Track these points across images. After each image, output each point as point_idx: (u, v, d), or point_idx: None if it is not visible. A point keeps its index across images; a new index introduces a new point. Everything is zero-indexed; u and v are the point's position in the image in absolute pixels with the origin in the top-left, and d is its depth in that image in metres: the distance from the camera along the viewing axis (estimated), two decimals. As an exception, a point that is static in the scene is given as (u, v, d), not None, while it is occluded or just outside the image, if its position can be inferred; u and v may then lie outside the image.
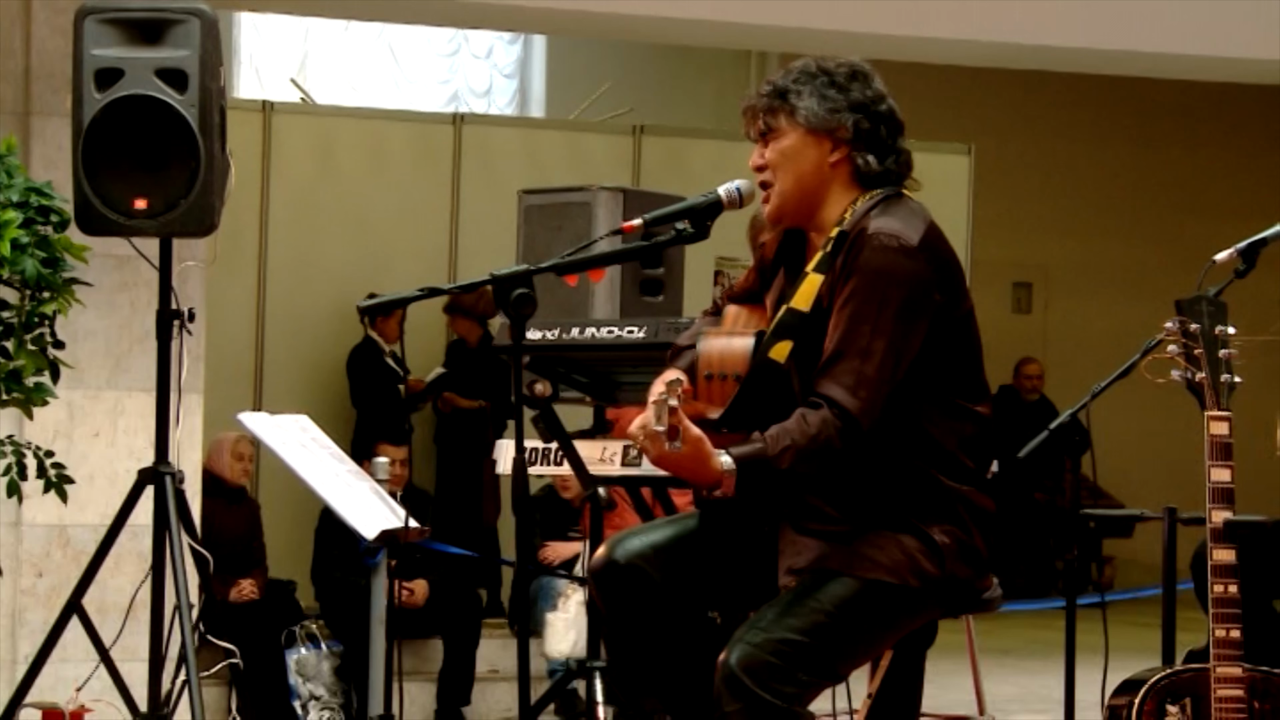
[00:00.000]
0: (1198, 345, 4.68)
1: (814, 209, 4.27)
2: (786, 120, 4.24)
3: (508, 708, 9.34)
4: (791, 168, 4.24)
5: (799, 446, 4.02)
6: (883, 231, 4.12)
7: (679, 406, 3.88)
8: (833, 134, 4.23)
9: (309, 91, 13.31)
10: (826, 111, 4.22)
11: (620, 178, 10.83)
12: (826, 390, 4.06)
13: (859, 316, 4.08)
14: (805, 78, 4.25)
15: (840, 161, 4.24)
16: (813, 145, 4.24)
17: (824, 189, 4.25)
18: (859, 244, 4.13)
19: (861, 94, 4.25)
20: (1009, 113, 15.33)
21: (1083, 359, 12.99)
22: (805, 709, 4.09)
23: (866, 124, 4.24)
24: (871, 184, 4.24)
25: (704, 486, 4.02)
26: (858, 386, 4.04)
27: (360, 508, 6.42)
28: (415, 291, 4.39)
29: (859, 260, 4.11)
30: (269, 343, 11.09)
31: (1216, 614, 4.54)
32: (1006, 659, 10.87)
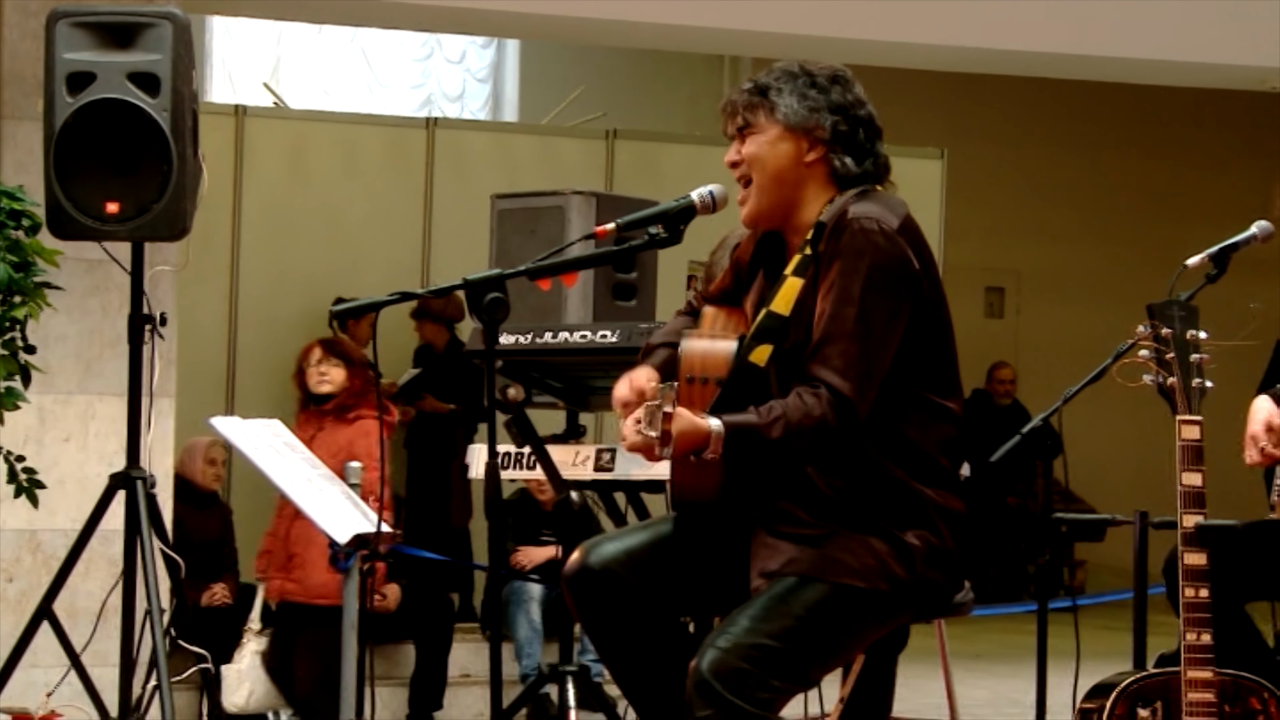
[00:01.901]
0: (1169, 350, 4.69)
1: (791, 209, 4.27)
2: (765, 117, 4.26)
3: (480, 713, 9.33)
4: (769, 162, 4.25)
5: (791, 420, 4.03)
6: (863, 216, 4.14)
7: (673, 412, 3.89)
8: (810, 133, 4.24)
9: (281, 95, 13.30)
10: (806, 110, 4.24)
11: (593, 182, 10.83)
12: (819, 374, 4.07)
13: (844, 300, 4.09)
14: (787, 77, 4.27)
15: (817, 161, 4.25)
16: (790, 142, 4.25)
17: (800, 188, 4.26)
18: (839, 230, 4.14)
19: (842, 97, 4.26)
20: (982, 117, 15.36)
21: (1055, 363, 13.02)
22: (777, 714, 4.09)
23: (845, 126, 4.25)
24: (847, 186, 4.25)
25: (692, 451, 4.02)
26: (847, 368, 4.06)
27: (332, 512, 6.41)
28: (388, 296, 4.38)
29: (840, 244, 4.13)
30: (241, 347, 11.07)
31: (1187, 618, 4.55)
32: (978, 663, 10.89)
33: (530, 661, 9.17)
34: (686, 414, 3.99)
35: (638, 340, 5.75)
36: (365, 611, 6.66)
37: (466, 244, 10.18)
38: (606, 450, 6.04)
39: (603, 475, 6.03)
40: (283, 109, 12.72)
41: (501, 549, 9.39)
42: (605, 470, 6.01)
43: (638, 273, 6.69)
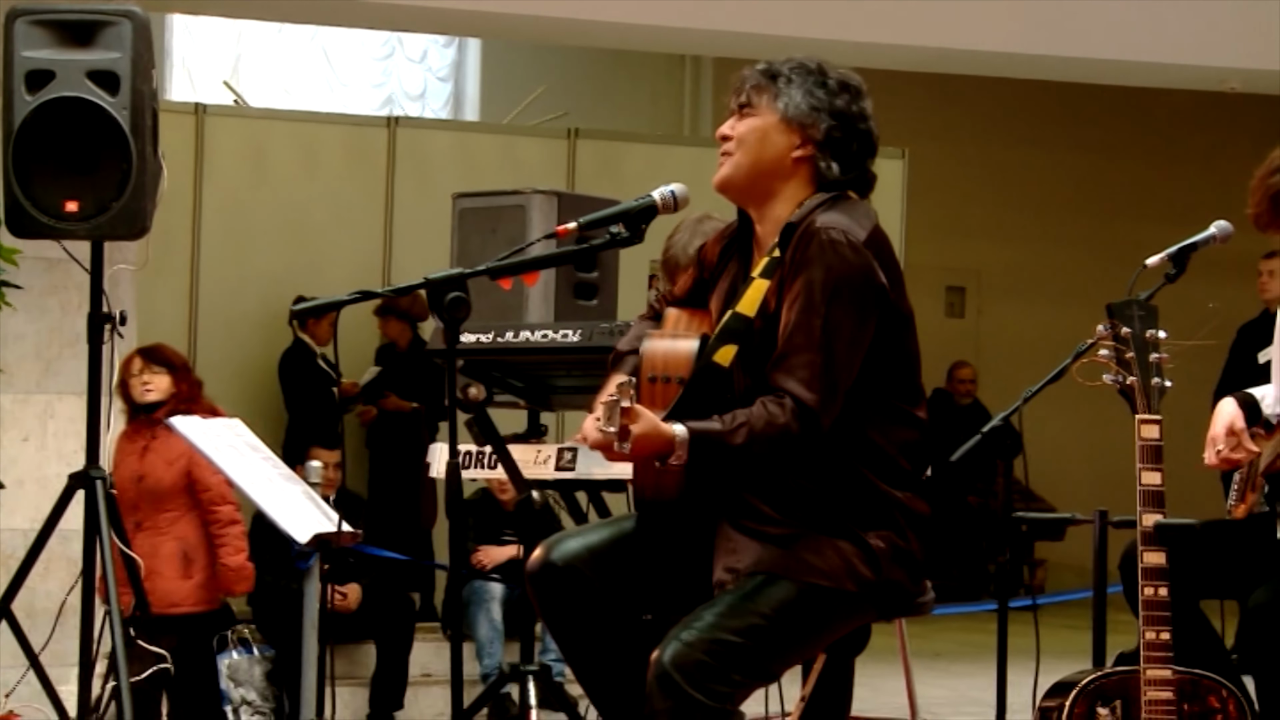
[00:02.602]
0: (1129, 349, 4.70)
1: (764, 196, 4.27)
2: (768, 101, 4.26)
3: (440, 712, 9.32)
4: (755, 147, 4.26)
5: (755, 427, 4.03)
6: (831, 226, 4.14)
7: (631, 407, 3.89)
8: (805, 130, 4.25)
9: (242, 94, 13.27)
10: (807, 108, 4.25)
11: (555, 181, 10.82)
12: (783, 384, 4.08)
13: (810, 310, 4.10)
14: (801, 71, 4.28)
15: (804, 159, 4.25)
16: (783, 133, 4.26)
17: (779, 180, 4.26)
18: (806, 238, 4.14)
19: (846, 105, 4.27)
20: (943, 118, 15.39)
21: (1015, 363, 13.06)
22: (736, 709, 4.10)
23: (839, 133, 4.26)
24: (827, 189, 4.25)
25: (657, 458, 4.02)
26: (812, 380, 4.06)
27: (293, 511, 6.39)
28: (349, 295, 4.38)
29: (807, 254, 4.13)
30: (201, 346, 11.04)
31: (1146, 616, 4.56)
32: (938, 662, 10.91)
33: (491, 661, 9.17)
34: (651, 418, 3.99)
35: (599, 339, 5.75)
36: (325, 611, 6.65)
37: (428, 243, 10.18)
38: (568, 449, 6.04)
39: (564, 475, 6.03)
40: (243, 108, 12.69)
41: (462, 548, 9.38)
42: (567, 470, 6.00)
43: (599, 272, 6.69)
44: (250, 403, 10.67)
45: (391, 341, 11.23)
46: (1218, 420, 4.97)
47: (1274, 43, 11.25)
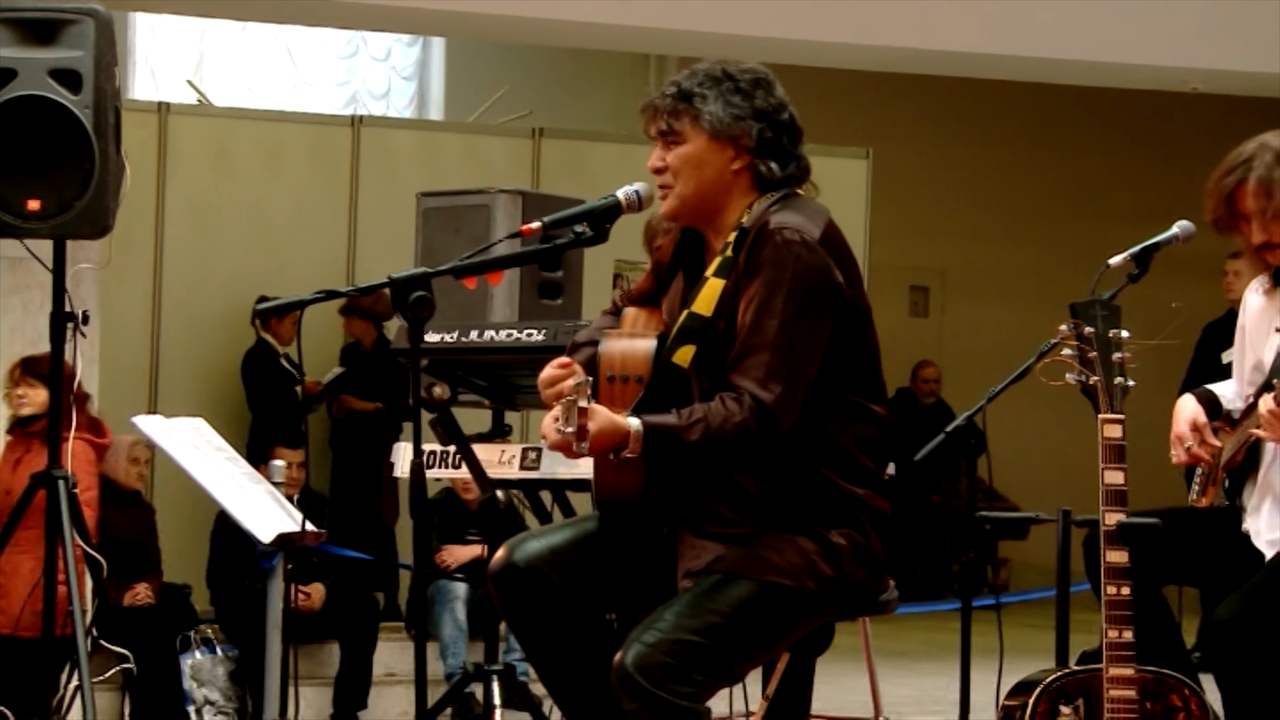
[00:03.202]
0: (1092, 349, 4.71)
1: (714, 213, 4.28)
2: (690, 125, 4.24)
3: (404, 711, 9.31)
4: (693, 174, 4.25)
5: (711, 424, 4.04)
6: (785, 226, 4.14)
7: (588, 407, 3.90)
8: (736, 141, 4.24)
9: (205, 93, 13.23)
10: (731, 119, 4.23)
11: (519, 180, 10.81)
12: (740, 384, 4.08)
13: (766, 311, 4.10)
14: (710, 82, 4.25)
15: (742, 169, 4.26)
16: (716, 152, 4.25)
17: (724, 195, 4.27)
18: (761, 240, 4.14)
19: (765, 102, 4.26)
20: (906, 117, 15.42)
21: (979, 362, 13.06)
22: (701, 708, 4.10)
23: (769, 133, 4.25)
24: (771, 189, 4.26)
25: (611, 450, 4.02)
26: (769, 380, 4.07)
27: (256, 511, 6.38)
28: (313, 294, 4.37)
29: (762, 255, 4.13)
30: (164, 346, 11.01)
31: (1109, 615, 4.57)
32: (902, 661, 10.92)
33: (455, 661, 9.16)
34: (605, 412, 3.99)
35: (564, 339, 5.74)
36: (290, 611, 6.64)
37: (392, 242, 10.17)
38: (532, 449, 6.04)
39: (528, 474, 6.03)
40: (206, 106, 12.66)
41: (426, 548, 9.37)
42: (531, 469, 6.00)
43: (564, 271, 6.70)
44: (213, 402, 10.65)
45: (356, 341, 11.21)
46: (1179, 417, 4.99)
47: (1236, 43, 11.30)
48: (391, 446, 6.40)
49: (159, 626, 8.87)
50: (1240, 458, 4.98)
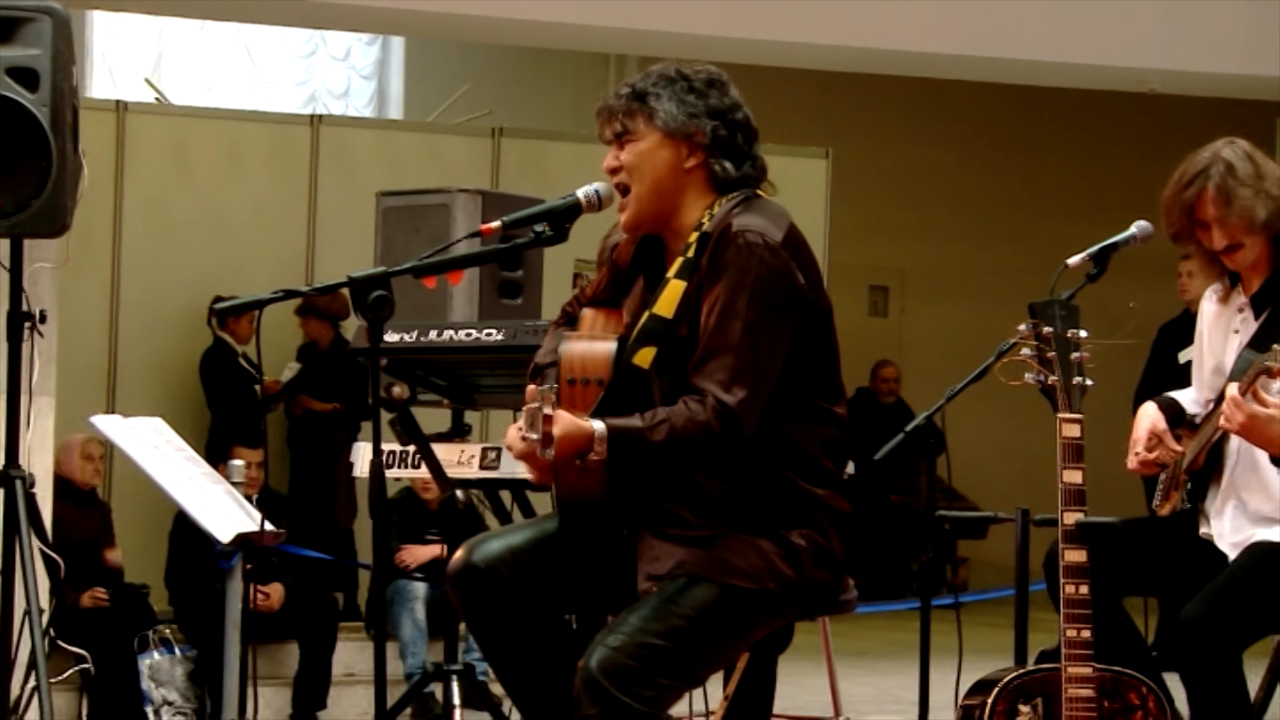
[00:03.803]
0: (1050, 348, 4.73)
1: (670, 214, 4.28)
2: (644, 123, 4.25)
3: (364, 711, 9.29)
4: (648, 171, 4.26)
5: (675, 425, 4.05)
6: (747, 229, 4.15)
7: (553, 413, 3.90)
8: (690, 139, 4.25)
9: (164, 91, 13.19)
10: (685, 116, 4.24)
11: (479, 180, 10.81)
12: (704, 386, 4.09)
13: (729, 313, 4.11)
14: (664, 82, 4.26)
15: (696, 167, 4.26)
16: (669, 149, 4.26)
17: (680, 193, 4.27)
18: (724, 242, 4.15)
19: (719, 101, 4.27)
20: (866, 117, 15.45)
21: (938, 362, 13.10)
22: (664, 712, 4.10)
23: (724, 131, 4.26)
24: (727, 189, 4.26)
25: (577, 455, 4.02)
26: (732, 382, 4.08)
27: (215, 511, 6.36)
28: (271, 293, 4.36)
29: (725, 258, 4.14)
30: (122, 345, 10.98)
31: (1067, 614, 4.59)
32: (862, 660, 10.94)
33: (415, 660, 9.15)
34: (568, 416, 4.00)
35: (524, 339, 5.74)
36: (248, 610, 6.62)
37: (351, 241, 10.14)
38: (491, 449, 6.04)
39: (488, 473, 6.03)
40: (165, 105, 12.62)
41: (386, 548, 9.35)
42: (490, 468, 6.00)
43: (523, 271, 6.69)
44: (172, 401, 10.62)
45: (313, 341, 11.19)
46: (1139, 424, 5.02)
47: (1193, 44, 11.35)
48: (349, 446, 6.38)
49: (117, 627, 8.84)
50: (1202, 460, 5.00)
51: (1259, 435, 4.69)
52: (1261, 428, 4.65)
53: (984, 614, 8.59)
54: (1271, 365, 4.57)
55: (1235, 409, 4.64)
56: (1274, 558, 4.82)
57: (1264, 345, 4.78)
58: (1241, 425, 4.66)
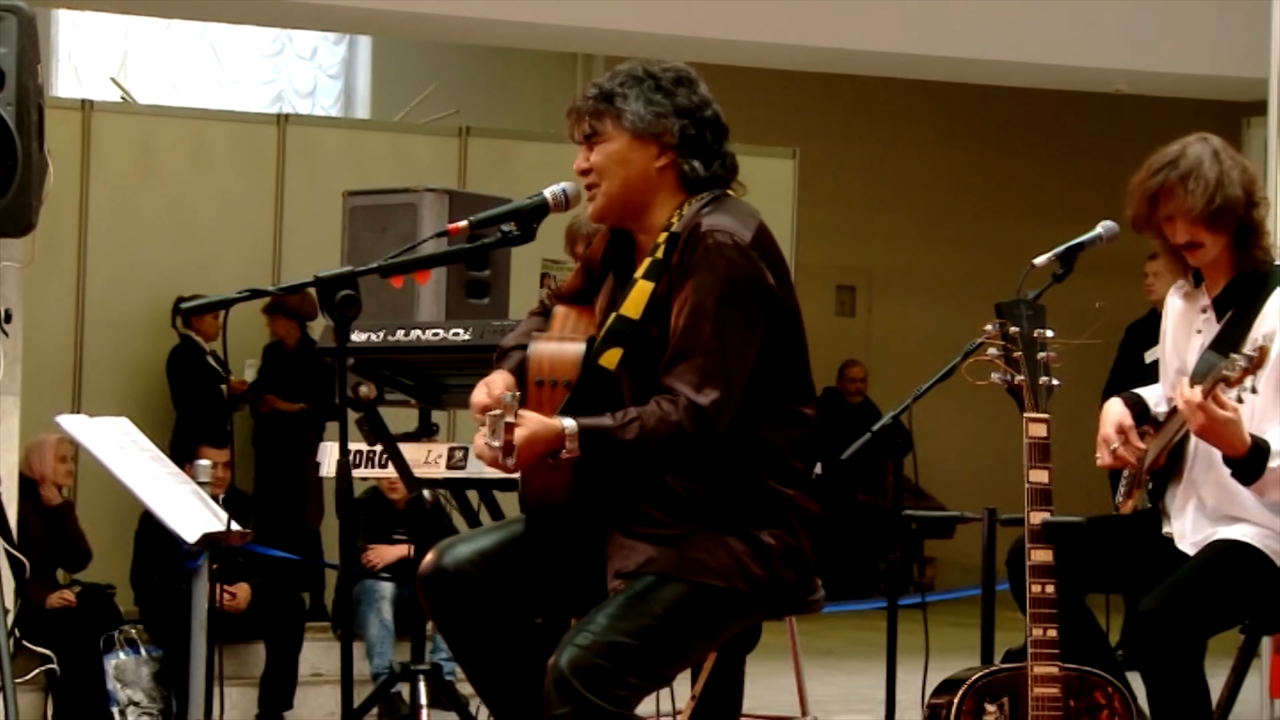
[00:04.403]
0: (1017, 348, 4.74)
1: (640, 212, 4.28)
2: (613, 124, 4.25)
3: (330, 712, 9.28)
4: (618, 172, 4.25)
5: (647, 424, 4.04)
6: (717, 229, 4.15)
7: (515, 422, 3.90)
8: (659, 139, 4.24)
9: (129, 90, 13.16)
10: (653, 116, 4.23)
11: (446, 179, 10.80)
12: (675, 386, 4.08)
13: (699, 314, 4.10)
14: (631, 81, 4.25)
15: (666, 167, 4.26)
16: (639, 150, 4.25)
17: (650, 193, 4.27)
18: (693, 243, 4.15)
19: (687, 99, 4.26)
20: (834, 117, 15.47)
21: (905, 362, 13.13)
22: (633, 711, 4.10)
23: (692, 130, 4.25)
24: (697, 188, 4.26)
25: (548, 454, 4.02)
26: (704, 383, 4.07)
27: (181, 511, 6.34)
28: (238, 293, 4.35)
29: (694, 259, 4.14)
30: (88, 344, 10.95)
31: (1034, 614, 4.60)
32: (829, 659, 10.95)
33: (382, 660, 9.14)
34: (536, 417, 4.00)
35: (491, 338, 5.73)
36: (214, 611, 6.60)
37: (318, 241, 10.13)
38: (459, 448, 6.03)
39: (455, 473, 6.02)
40: (130, 104, 12.59)
41: (353, 547, 9.33)
42: (458, 468, 5.99)
43: (491, 270, 6.68)
44: (138, 401, 10.60)
45: (279, 340, 11.17)
46: (1106, 420, 5.02)
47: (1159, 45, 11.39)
48: (315, 446, 6.37)
49: (82, 627, 8.82)
50: (1164, 460, 5.02)
51: (1216, 437, 4.71)
52: (1219, 430, 4.67)
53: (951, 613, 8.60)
54: (1229, 375, 4.59)
55: (1194, 412, 4.66)
56: (1233, 554, 4.84)
57: (1225, 347, 4.80)
58: (1201, 427, 4.68)
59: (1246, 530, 4.86)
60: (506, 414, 3.90)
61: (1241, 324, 4.88)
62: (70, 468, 9.29)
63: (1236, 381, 4.60)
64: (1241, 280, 4.95)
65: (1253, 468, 4.74)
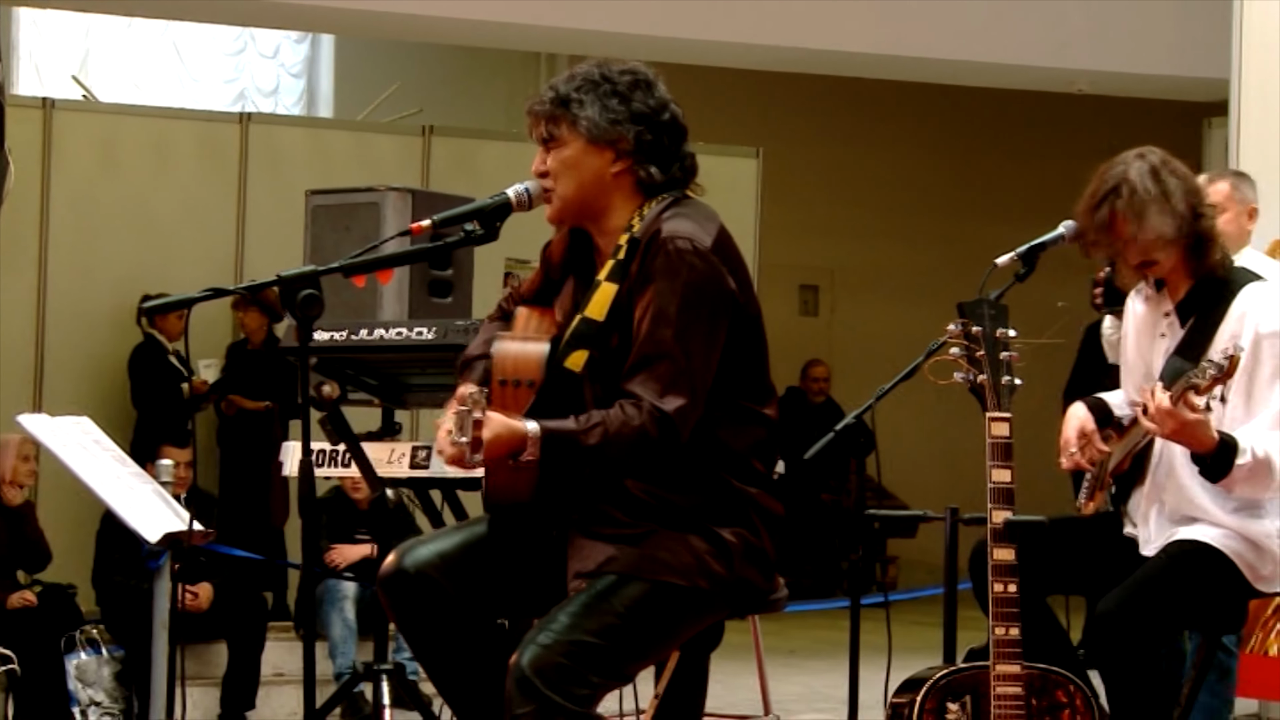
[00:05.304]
0: (979, 348, 4.75)
1: (597, 215, 4.28)
2: (568, 129, 4.24)
3: (293, 712, 9.26)
4: (573, 176, 4.25)
5: (610, 428, 4.04)
6: (677, 235, 4.14)
7: (482, 419, 3.89)
8: (614, 145, 4.23)
9: (91, 89, 13.12)
10: (608, 123, 4.22)
11: (409, 178, 10.79)
12: (638, 391, 4.08)
13: (661, 320, 4.10)
14: (588, 86, 4.24)
15: (622, 172, 4.25)
16: (594, 155, 4.24)
17: (606, 197, 4.26)
18: (653, 249, 4.14)
19: (644, 104, 4.25)
20: (797, 117, 15.48)
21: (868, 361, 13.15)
22: (594, 710, 4.10)
23: (649, 135, 4.24)
24: (655, 192, 4.26)
25: (510, 454, 4.02)
26: (667, 389, 4.07)
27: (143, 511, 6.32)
28: (200, 292, 4.33)
29: (655, 265, 4.13)
30: (49, 343, 10.92)
31: (996, 613, 4.61)
32: (792, 658, 10.97)
33: (345, 660, 9.13)
34: (501, 418, 3.99)
35: (454, 337, 5.73)
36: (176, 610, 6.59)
37: (281, 240, 10.12)
38: (422, 448, 6.02)
39: (418, 473, 6.01)
40: (92, 102, 12.55)
41: (315, 547, 9.32)
42: (421, 468, 5.98)
43: (454, 270, 6.67)
44: (100, 400, 10.57)
45: (244, 338, 11.15)
46: (1069, 424, 5.04)
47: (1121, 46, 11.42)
48: (280, 445, 6.35)
49: (43, 627, 8.78)
50: (1127, 464, 5.03)
51: (1189, 437, 4.74)
52: (1191, 431, 4.70)
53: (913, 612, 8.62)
54: (1199, 383, 4.62)
55: (1166, 417, 4.68)
56: (1192, 555, 4.86)
57: (1189, 351, 4.82)
58: (1174, 431, 4.71)
59: (1207, 531, 4.88)
60: (474, 410, 3.90)
61: (1205, 329, 4.91)
62: (33, 467, 9.25)
63: (1206, 389, 4.62)
64: (1203, 285, 4.97)
65: (1220, 465, 4.75)
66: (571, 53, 12.61)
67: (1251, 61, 7.87)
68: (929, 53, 11.40)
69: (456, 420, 3.92)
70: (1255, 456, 4.74)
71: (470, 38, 11.97)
